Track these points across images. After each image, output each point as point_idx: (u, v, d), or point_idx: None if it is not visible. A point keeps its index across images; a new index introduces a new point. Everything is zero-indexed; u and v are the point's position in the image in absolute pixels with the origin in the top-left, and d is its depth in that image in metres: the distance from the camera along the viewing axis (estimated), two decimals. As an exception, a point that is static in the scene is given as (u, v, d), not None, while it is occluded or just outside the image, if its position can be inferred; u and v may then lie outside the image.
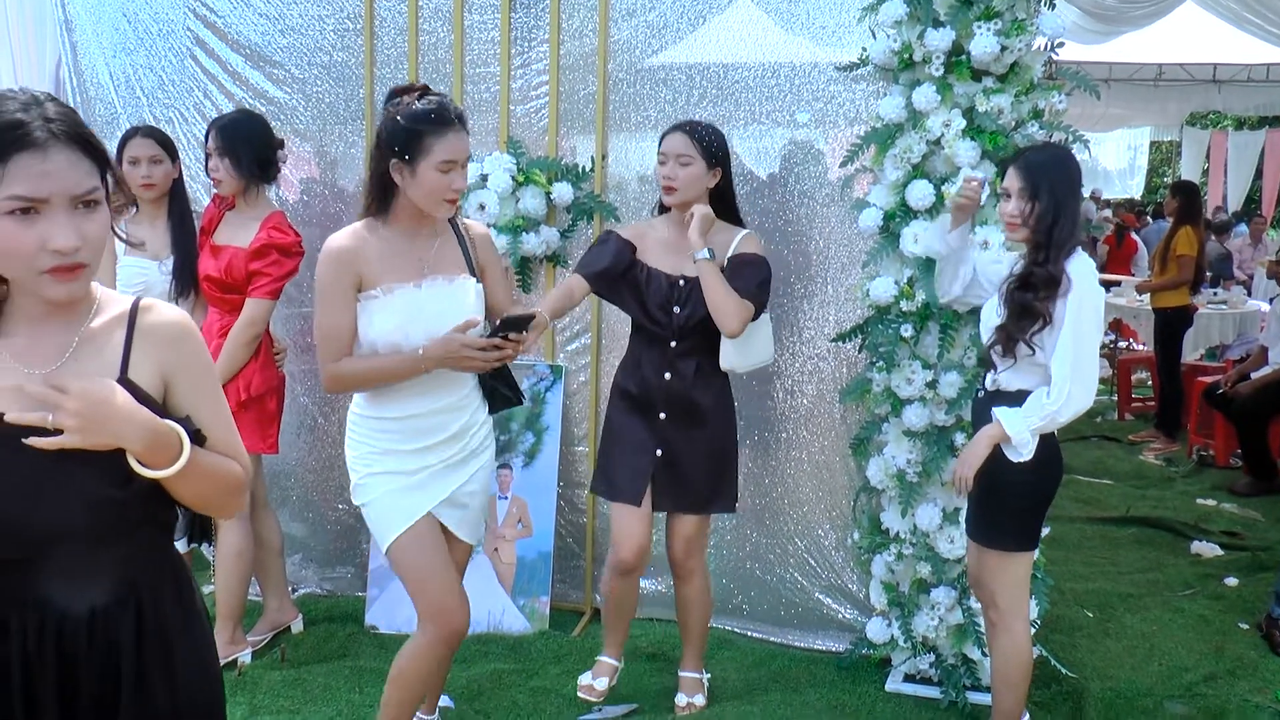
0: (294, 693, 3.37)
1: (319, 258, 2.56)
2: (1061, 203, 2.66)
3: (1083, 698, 3.37)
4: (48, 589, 1.48)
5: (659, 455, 3.10)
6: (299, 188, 4.15)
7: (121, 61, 4.23)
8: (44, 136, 1.39)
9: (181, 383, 1.55)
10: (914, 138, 3.24)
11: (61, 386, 1.39)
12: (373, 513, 2.66)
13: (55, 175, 1.39)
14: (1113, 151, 17.80)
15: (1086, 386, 2.64)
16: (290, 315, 4.04)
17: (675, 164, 2.99)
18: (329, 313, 2.54)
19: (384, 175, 2.53)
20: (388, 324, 2.53)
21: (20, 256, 1.39)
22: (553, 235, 3.83)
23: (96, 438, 1.40)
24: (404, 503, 2.62)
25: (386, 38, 3.96)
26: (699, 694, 3.34)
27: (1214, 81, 11.64)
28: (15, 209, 1.37)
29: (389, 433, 2.62)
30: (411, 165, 2.49)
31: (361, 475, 2.65)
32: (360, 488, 2.66)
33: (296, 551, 4.20)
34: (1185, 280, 6.79)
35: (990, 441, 2.71)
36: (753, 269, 3.02)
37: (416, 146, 2.47)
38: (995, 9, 3.11)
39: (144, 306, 1.55)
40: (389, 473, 2.62)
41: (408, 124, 2.48)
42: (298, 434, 4.15)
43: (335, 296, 2.53)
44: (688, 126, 3.03)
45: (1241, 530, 5.19)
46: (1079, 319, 2.62)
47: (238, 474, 1.59)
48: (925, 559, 3.36)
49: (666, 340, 3.07)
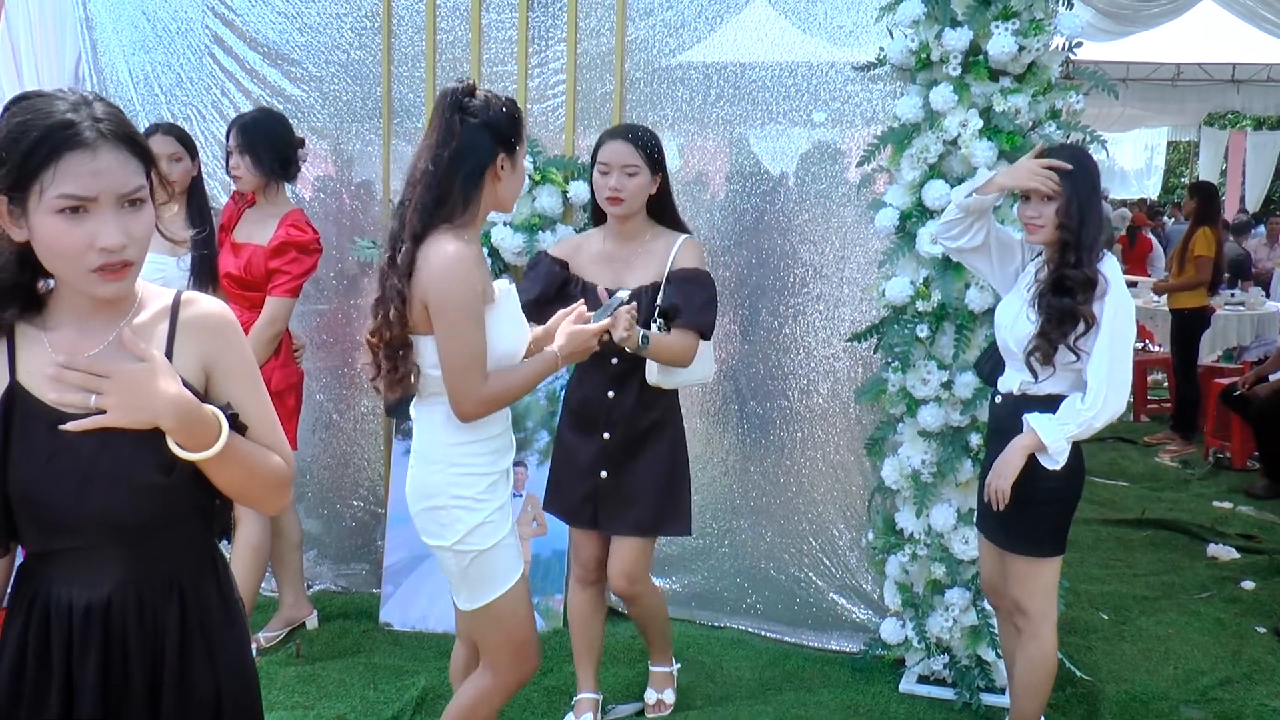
0: (308, 688, 3.39)
1: (448, 271, 2.23)
2: (1086, 203, 2.63)
3: (1098, 701, 3.36)
4: (94, 577, 1.52)
5: (603, 478, 2.97)
6: (315, 185, 4.17)
7: (140, 59, 4.26)
8: (93, 136, 1.41)
9: (223, 373, 1.58)
10: (931, 137, 3.23)
11: (102, 369, 1.43)
12: (499, 558, 2.38)
13: (104, 174, 1.41)
14: (1130, 152, 17.71)
15: (1120, 391, 2.60)
16: (307, 312, 4.06)
17: (621, 174, 2.85)
18: (475, 331, 2.26)
19: (480, 178, 2.32)
20: (514, 330, 2.39)
21: (69, 254, 1.42)
22: (569, 234, 3.83)
23: (135, 416, 1.43)
24: (515, 547, 2.44)
25: (404, 36, 3.97)
26: (669, 688, 3.31)
27: (1233, 81, 11.57)
28: (65, 207, 1.40)
29: (496, 453, 2.41)
30: (514, 156, 2.36)
31: (488, 512, 2.35)
32: (489, 526, 2.36)
33: (312, 548, 4.22)
34: (1203, 281, 6.75)
35: (1025, 452, 2.64)
36: (697, 288, 2.86)
37: (520, 136, 2.37)
38: (1013, 9, 3.10)
39: (186, 300, 1.58)
40: (505, 505, 2.40)
41: (509, 111, 2.34)
42: (313, 431, 4.16)
43: (478, 312, 2.27)
44: (630, 134, 2.89)
45: (1258, 533, 5.15)
46: (1115, 322, 2.59)
47: (280, 466, 1.61)
48: (940, 560, 3.36)
49: (607, 357, 2.86)
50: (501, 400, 2.33)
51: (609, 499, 2.98)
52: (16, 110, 1.43)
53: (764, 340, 3.79)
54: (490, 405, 2.32)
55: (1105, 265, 2.64)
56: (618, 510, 2.98)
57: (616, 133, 2.94)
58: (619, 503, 2.98)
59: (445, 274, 2.24)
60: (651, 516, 2.99)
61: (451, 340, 2.26)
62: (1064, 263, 2.63)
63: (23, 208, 1.41)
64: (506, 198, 2.41)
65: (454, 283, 2.23)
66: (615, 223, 2.95)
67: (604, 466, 2.97)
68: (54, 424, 1.44)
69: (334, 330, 4.18)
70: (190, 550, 1.60)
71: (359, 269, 4.11)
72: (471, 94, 2.33)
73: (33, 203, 1.40)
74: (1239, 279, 9.18)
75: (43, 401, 1.46)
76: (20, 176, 1.39)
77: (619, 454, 2.96)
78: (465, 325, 2.25)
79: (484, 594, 2.39)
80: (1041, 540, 2.75)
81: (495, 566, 2.38)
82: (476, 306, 2.27)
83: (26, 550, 1.55)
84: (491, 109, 2.32)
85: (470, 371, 2.26)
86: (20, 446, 1.46)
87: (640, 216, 2.94)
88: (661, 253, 2.91)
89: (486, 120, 2.31)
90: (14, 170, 1.40)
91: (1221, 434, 6.52)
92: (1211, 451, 6.59)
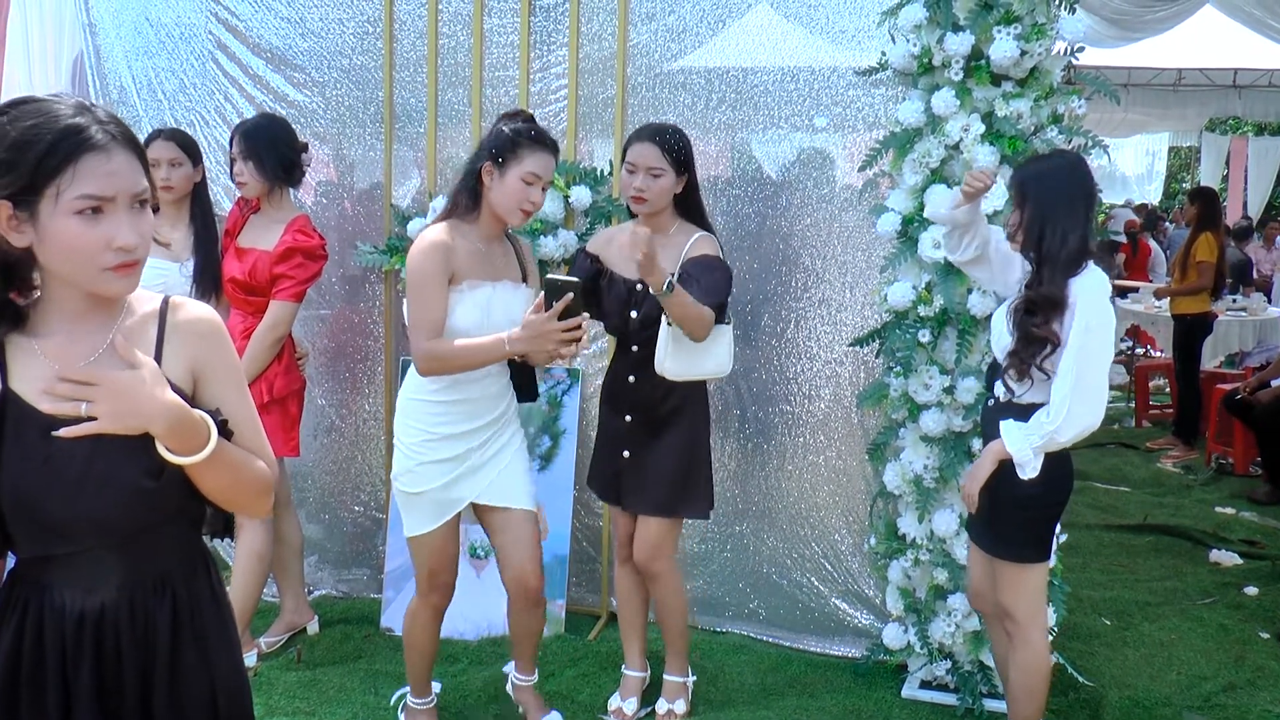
0: (309, 694, 3.38)
1: (414, 249, 2.76)
2: (1048, 214, 2.60)
3: (1100, 706, 3.35)
4: (88, 581, 1.53)
5: (625, 457, 3.14)
6: (317, 190, 4.17)
7: (143, 64, 4.26)
8: (105, 138, 1.44)
9: (210, 378, 1.59)
10: (933, 142, 3.23)
11: (93, 377, 1.43)
12: (415, 505, 2.88)
13: (119, 175, 1.45)
14: (1131, 157, 17.71)
15: (1091, 407, 2.57)
16: (308, 317, 4.06)
17: (647, 176, 2.99)
18: (429, 297, 2.72)
19: (477, 177, 2.79)
20: (468, 318, 2.75)
21: (86, 254, 1.44)
22: (570, 239, 3.83)
23: (126, 422, 1.44)
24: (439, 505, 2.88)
25: (406, 41, 3.97)
26: (680, 699, 3.30)
27: (1234, 87, 11.55)
28: (85, 208, 1.42)
29: (443, 415, 2.82)
30: (502, 169, 2.76)
31: (415, 462, 2.84)
32: (411, 475, 2.85)
33: (313, 553, 4.21)
34: (1206, 286, 6.75)
35: (995, 458, 2.68)
36: (708, 270, 2.97)
37: (512, 153, 2.75)
38: (1015, 13, 3.10)
39: (174, 304, 1.60)
40: (438, 462, 2.83)
41: (510, 133, 2.77)
42: (315, 436, 4.16)
43: (436, 283, 2.72)
44: (657, 137, 3.01)
45: (1261, 539, 5.15)
46: (1083, 339, 2.55)
47: (264, 472, 1.62)
48: (942, 565, 3.35)
49: (629, 344, 3.10)
50: (444, 360, 2.73)
51: (630, 478, 3.15)
52: (16, 115, 1.43)
53: (766, 345, 3.79)
54: (436, 362, 2.73)
55: (1080, 280, 2.60)
56: (637, 489, 3.14)
57: (644, 134, 3.05)
58: (638, 483, 3.14)
59: (412, 250, 2.77)
60: (666, 499, 3.13)
61: (409, 301, 2.76)
62: (1036, 278, 2.63)
63: (30, 211, 1.42)
64: (496, 204, 2.80)
65: (413, 257, 2.75)
66: (642, 219, 3.10)
67: (627, 447, 3.14)
68: (47, 429, 1.44)
69: (336, 335, 4.18)
70: (181, 552, 1.62)
71: (361, 274, 4.11)
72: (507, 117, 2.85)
73: (46, 206, 1.41)
74: (1241, 284, 9.18)
75: (36, 408, 1.46)
76: (34, 179, 1.41)
77: (640, 436, 3.12)
78: (414, 292, 2.74)
79: (408, 527, 2.92)
80: (1024, 545, 2.75)
81: (412, 511, 2.89)
82: (432, 278, 2.71)
83: (18, 556, 1.55)
84: (496, 127, 2.82)
85: (415, 329, 2.73)
86: (14, 453, 1.46)
87: (667, 213, 3.08)
88: (675, 247, 3.04)
89: (487, 135, 2.84)
90: (28, 173, 1.41)
91: (1224, 440, 6.51)
92: (1214, 457, 6.58)
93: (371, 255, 3.97)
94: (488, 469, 2.90)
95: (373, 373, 4.17)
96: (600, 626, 3.92)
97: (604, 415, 3.25)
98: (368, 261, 4.00)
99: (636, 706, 3.30)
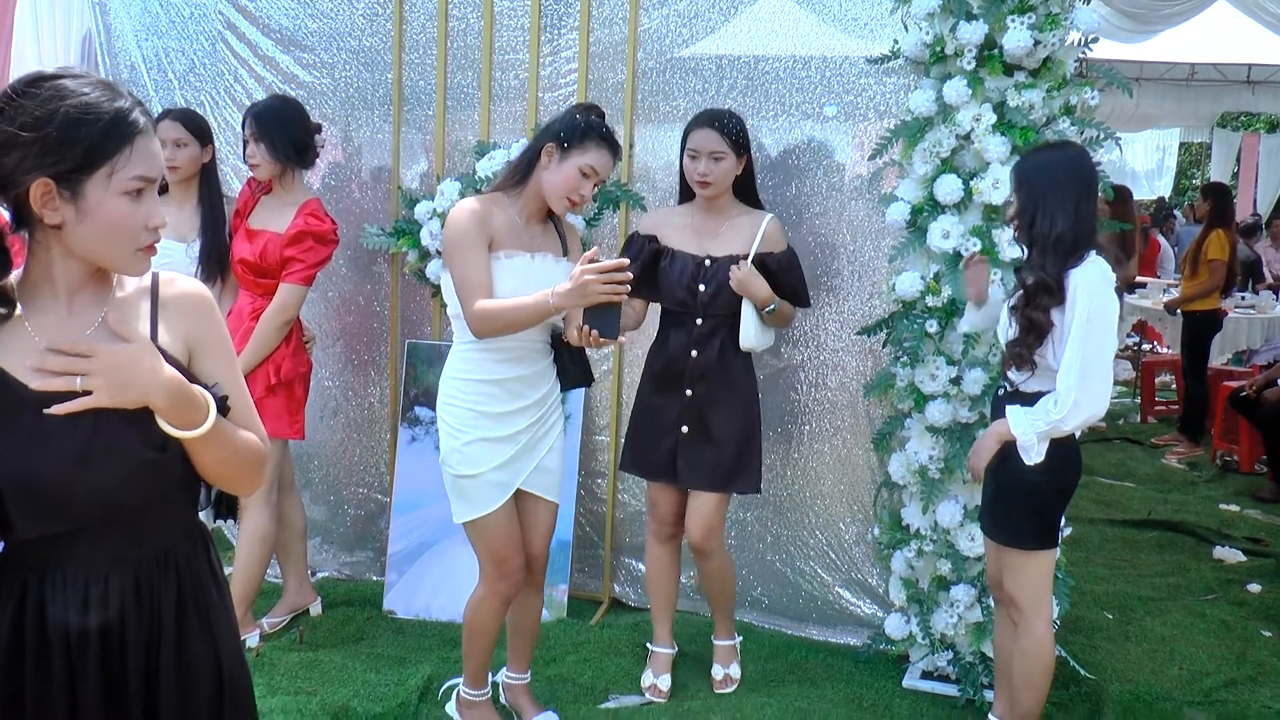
0: (311, 674, 3.39)
1: (450, 216, 2.77)
2: (1039, 201, 2.62)
3: (1101, 700, 3.35)
4: (92, 559, 1.52)
5: (684, 432, 3.19)
6: (325, 172, 4.16)
7: (153, 45, 4.25)
8: (145, 120, 1.46)
9: (203, 352, 1.59)
10: (944, 132, 3.21)
11: (87, 349, 1.43)
12: (471, 487, 2.82)
13: (158, 157, 1.49)
14: (1141, 152, 17.62)
15: (1096, 396, 2.57)
16: (314, 299, 4.05)
17: (709, 160, 3.09)
18: (469, 260, 2.72)
19: (536, 154, 2.80)
20: (504, 286, 2.74)
21: (129, 233, 1.46)
22: (578, 223, 3.82)
23: (124, 395, 1.44)
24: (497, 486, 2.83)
25: (416, 23, 3.96)
26: (734, 662, 3.43)
27: (1248, 82, 11.47)
28: (135, 189, 1.44)
29: (484, 395, 2.81)
30: (565, 154, 2.77)
31: (464, 441, 2.80)
32: (461, 455, 2.80)
33: (316, 535, 4.22)
34: (1217, 285, 6.71)
35: (998, 439, 2.70)
36: (791, 271, 3.19)
37: (579, 142, 2.77)
38: (1029, 3, 3.08)
39: (165, 279, 1.60)
40: (492, 441, 2.80)
41: (583, 122, 2.79)
42: (320, 418, 4.17)
43: (476, 248, 2.72)
44: (716, 122, 3.10)
45: (1265, 536, 5.14)
46: (1086, 329, 2.55)
47: (258, 447, 1.62)
48: (945, 556, 3.35)
49: (693, 318, 3.17)
50: (495, 318, 2.69)
51: (690, 452, 3.20)
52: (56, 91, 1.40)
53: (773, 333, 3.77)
54: (487, 320, 2.69)
55: (1080, 270, 2.59)
56: (697, 463, 3.19)
57: (704, 119, 3.14)
58: (698, 457, 3.19)
59: (447, 220, 2.80)
60: (726, 472, 3.20)
61: (452, 270, 2.76)
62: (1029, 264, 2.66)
63: (75, 190, 1.41)
64: (546, 186, 2.80)
65: (448, 226, 2.77)
66: (703, 200, 3.19)
67: (685, 422, 3.20)
68: (40, 407, 1.42)
69: (343, 318, 4.18)
70: (182, 529, 1.62)
71: (369, 256, 4.11)
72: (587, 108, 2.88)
73: (95, 185, 1.41)
74: (1250, 282, 9.13)
75: (28, 386, 1.44)
76: (90, 158, 1.40)
77: (701, 409, 3.18)
78: (460, 257, 2.73)
79: (462, 513, 2.85)
80: (1024, 533, 2.75)
81: (469, 495, 2.83)
82: (471, 243, 2.71)
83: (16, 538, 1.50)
84: (571, 113, 2.85)
85: (465, 292, 2.72)
86: (7, 433, 1.43)
87: (727, 195, 3.19)
88: (746, 229, 3.18)
89: (560, 118, 2.86)
90: (89, 150, 1.40)
91: (1229, 437, 6.50)
92: (1219, 454, 6.56)
93: (379, 237, 3.96)
94: (538, 450, 2.89)
95: (378, 356, 4.17)
96: (602, 612, 3.93)
97: (652, 399, 3.26)
98: (375, 244, 3.99)
99: (670, 684, 3.36)
